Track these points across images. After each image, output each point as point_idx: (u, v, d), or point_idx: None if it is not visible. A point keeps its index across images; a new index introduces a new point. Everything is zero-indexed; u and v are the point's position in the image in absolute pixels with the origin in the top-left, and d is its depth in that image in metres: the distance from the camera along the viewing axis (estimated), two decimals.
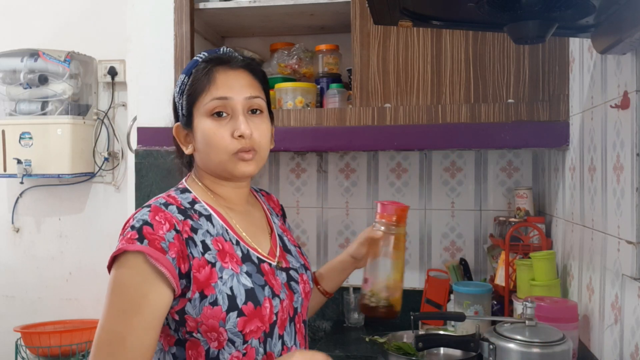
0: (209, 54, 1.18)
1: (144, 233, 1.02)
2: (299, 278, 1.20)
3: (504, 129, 1.80)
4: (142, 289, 1.01)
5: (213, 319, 1.03)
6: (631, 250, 1.22)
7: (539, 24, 1.12)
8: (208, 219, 1.11)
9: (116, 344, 0.99)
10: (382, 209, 1.42)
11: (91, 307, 2.83)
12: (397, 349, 1.55)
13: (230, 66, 1.15)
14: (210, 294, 1.04)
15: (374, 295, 1.38)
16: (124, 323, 1.00)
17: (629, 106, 1.24)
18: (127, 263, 1.04)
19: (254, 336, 1.08)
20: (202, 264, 1.05)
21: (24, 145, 2.65)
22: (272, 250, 1.19)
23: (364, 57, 1.89)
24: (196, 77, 1.14)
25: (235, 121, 1.12)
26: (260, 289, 1.08)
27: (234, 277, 1.06)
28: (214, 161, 1.14)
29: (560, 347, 1.23)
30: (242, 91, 1.13)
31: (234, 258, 1.09)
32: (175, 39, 2.01)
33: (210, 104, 1.12)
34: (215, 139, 1.12)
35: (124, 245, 1.04)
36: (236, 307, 1.05)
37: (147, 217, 1.04)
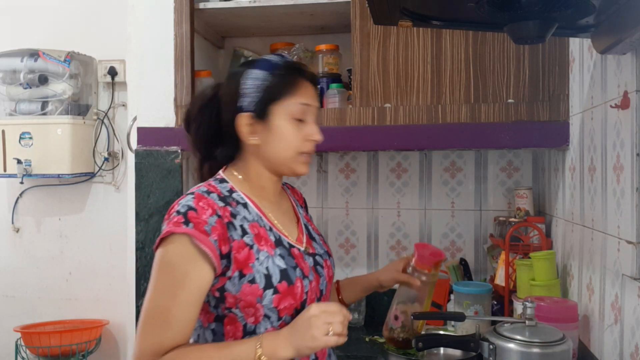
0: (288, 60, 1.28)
1: (189, 217, 1.12)
2: (323, 263, 1.30)
3: (504, 129, 1.80)
4: (186, 267, 1.11)
5: (251, 295, 1.14)
6: (631, 250, 1.22)
7: (539, 24, 1.12)
8: (244, 207, 1.22)
9: (163, 316, 1.09)
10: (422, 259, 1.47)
11: (91, 307, 2.83)
12: (397, 349, 1.55)
13: (306, 77, 1.26)
14: (248, 273, 1.14)
15: (402, 332, 1.48)
16: (170, 297, 1.10)
17: (629, 106, 1.24)
18: (173, 244, 1.12)
19: (287, 312, 1.18)
20: (241, 245, 1.15)
21: (24, 145, 2.65)
22: (299, 237, 1.29)
23: (364, 57, 1.89)
24: (281, 78, 1.22)
25: (310, 127, 1.25)
26: (292, 270, 1.19)
27: (269, 258, 1.17)
28: (281, 157, 1.24)
29: (560, 347, 1.23)
30: (316, 101, 1.28)
31: (268, 242, 1.20)
32: (175, 39, 2.01)
33: (296, 107, 1.22)
34: (291, 139, 1.23)
35: (171, 228, 1.12)
36: (272, 285, 1.15)
37: (192, 203, 1.14)
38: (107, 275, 2.81)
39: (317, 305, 1.12)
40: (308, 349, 1.09)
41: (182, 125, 1.37)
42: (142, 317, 1.12)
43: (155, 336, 1.09)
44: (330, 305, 1.12)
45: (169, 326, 1.09)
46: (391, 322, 1.49)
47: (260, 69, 1.23)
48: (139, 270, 2.03)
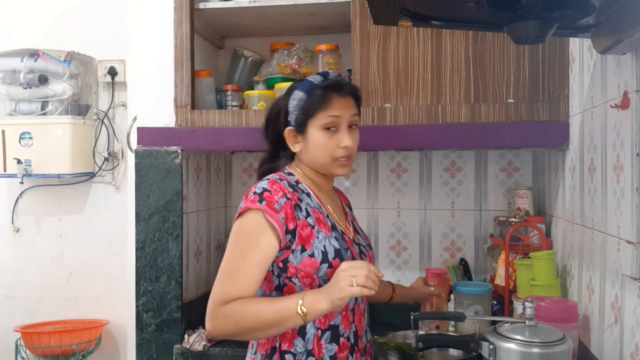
0: (324, 77, 1.46)
1: (263, 196, 1.35)
2: (366, 252, 1.51)
3: (504, 129, 1.80)
4: (257, 235, 1.33)
5: (310, 267, 1.35)
6: (631, 250, 1.22)
7: (539, 24, 1.12)
8: (308, 196, 1.44)
9: (234, 273, 1.32)
10: (431, 278, 1.80)
11: (91, 307, 2.84)
12: (397, 349, 1.55)
13: (342, 93, 1.44)
14: (309, 248, 1.36)
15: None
16: (241, 258, 1.33)
17: (629, 106, 1.24)
18: (249, 217, 1.35)
19: None
20: (305, 225, 1.37)
21: (24, 145, 2.65)
22: (347, 228, 1.51)
23: (364, 57, 1.89)
24: (316, 98, 1.42)
25: (341, 134, 1.42)
26: (344, 250, 1.39)
27: (327, 239, 1.38)
28: (319, 162, 1.44)
29: (560, 347, 1.23)
30: (349, 110, 1.44)
31: (326, 226, 1.41)
32: (175, 39, 2.01)
33: (326, 119, 1.42)
34: (325, 148, 1.42)
35: (248, 205, 1.35)
36: (327, 260, 1.35)
37: (267, 186, 1.37)
38: (107, 275, 2.81)
39: (345, 262, 1.31)
40: (339, 300, 1.25)
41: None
42: (218, 274, 1.34)
43: (225, 287, 1.31)
44: (356, 261, 1.32)
45: (236, 281, 1.31)
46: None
47: (301, 90, 1.45)
48: (139, 270, 2.03)
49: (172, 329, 2.01)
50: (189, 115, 2.01)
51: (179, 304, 2.00)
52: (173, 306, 2.00)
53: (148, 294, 2.02)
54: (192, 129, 2.00)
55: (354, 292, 1.24)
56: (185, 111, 2.01)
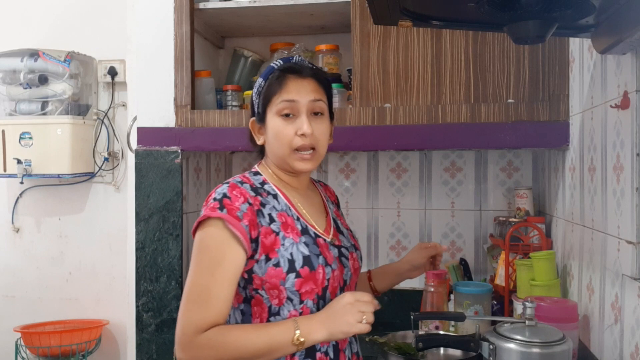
0: (284, 62, 1.36)
1: (223, 203, 1.23)
2: (349, 255, 1.37)
3: (504, 129, 1.80)
4: (221, 249, 1.21)
5: (275, 278, 1.23)
6: (631, 250, 1.22)
7: (539, 24, 1.12)
8: (274, 197, 1.31)
9: (204, 294, 1.19)
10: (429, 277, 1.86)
11: (91, 307, 2.84)
12: (397, 349, 1.55)
13: (300, 75, 1.32)
14: (274, 257, 1.23)
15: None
16: (209, 276, 1.20)
17: (629, 106, 1.24)
18: (209, 227, 1.23)
19: (308, 297, 1.25)
20: (269, 232, 1.25)
21: (24, 145, 2.65)
22: (327, 229, 1.38)
23: (364, 57, 1.89)
24: (271, 82, 1.33)
25: (299, 121, 1.30)
26: (315, 257, 1.26)
27: (294, 245, 1.26)
28: (278, 153, 1.32)
29: (560, 347, 1.23)
30: (308, 95, 1.31)
31: (294, 230, 1.28)
32: (175, 39, 2.01)
33: (280, 105, 1.30)
34: (281, 135, 1.30)
35: (207, 212, 1.23)
36: (294, 270, 1.23)
37: (227, 191, 1.25)
38: (107, 275, 2.82)
39: (351, 293, 1.21)
40: (341, 334, 1.19)
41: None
42: (184, 296, 1.21)
43: (196, 313, 1.18)
44: (364, 294, 1.22)
45: (208, 304, 1.18)
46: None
47: (261, 77, 1.36)
48: (139, 270, 2.03)
49: (172, 329, 1.99)
50: (189, 115, 2.01)
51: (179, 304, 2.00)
52: (173, 306, 2.00)
53: (148, 294, 2.02)
54: (192, 129, 2.00)
55: (363, 329, 1.18)
56: (185, 111, 2.01)
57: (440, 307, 1.92)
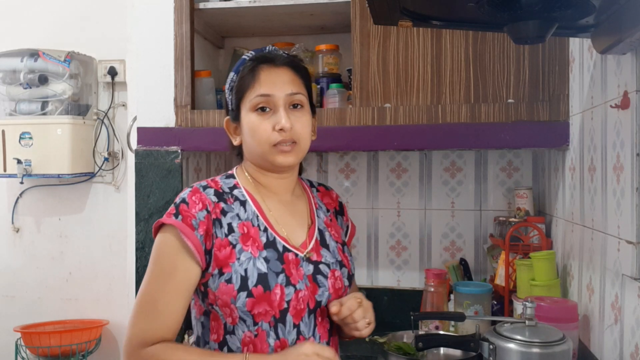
0: (255, 52, 1.26)
1: (180, 209, 1.16)
2: (329, 273, 1.23)
3: (504, 129, 1.80)
4: (172, 259, 1.14)
5: (226, 295, 1.13)
6: (631, 250, 1.22)
7: (539, 24, 1.12)
8: (242, 204, 1.21)
9: (150, 305, 1.14)
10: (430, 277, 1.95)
11: (91, 307, 2.83)
12: (397, 349, 1.55)
13: (274, 64, 1.22)
14: (226, 272, 1.14)
15: None
16: (158, 287, 1.14)
17: (629, 106, 1.24)
18: (164, 234, 1.17)
19: (263, 319, 1.15)
20: (224, 244, 1.15)
21: (24, 145, 2.65)
22: (305, 242, 1.24)
23: (364, 57, 1.89)
24: (242, 75, 1.23)
25: (276, 115, 1.20)
26: (274, 275, 1.15)
27: (251, 260, 1.15)
28: (257, 152, 1.22)
29: (560, 347, 1.23)
30: (284, 88, 1.21)
31: (255, 243, 1.17)
32: (175, 39, 2.01)
33: (254, 100, 1.20)
34: (258, 132, 1.20)
35: (163, 218, 1.17)
36: (246, 288, 1.13)
37: (186, 196, 1.18)
38: (107, 275, 2.81)
39: (312, 344, 1.11)
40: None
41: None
42: (135, 304, 1.16)
43: (142, 324, 1.13)
44: (326, 349, 1.12)
45: (155, 316, 1.13)
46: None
47: (232, 70, 1.27)
48: (139, 270, 2.03)
49: None
50: (189, 115, 2.01)
51: None
52: None
53: None
54: (192, 129, 2.00)
55: None
56: (185, 111, 2.01)
57: (440, 307, 1.92)
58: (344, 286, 1.26)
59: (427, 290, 1.97)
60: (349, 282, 1.28)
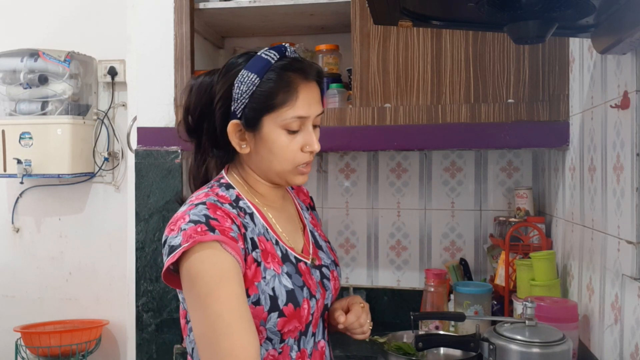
0: (279, 54, 1.12)
1: (212, 225, 1.01)
2: (330, 275, 1.21)
3: (504, 129, 1.80)
4: (220, 268, 0.99)
5: (255, 318, 1.03)
6: (631, 250, 1.22)
7: (539, 24, 1.12)
8: (251, 218, 1.12)
9: (218, 323, 0.97)
10: (430, 277, 1.96)
11: (91, 307, 2.84)
12: (397, 349, 1.55)
13: (305, 77, 1.12)
14: (253, 294, 1.04)
15: None
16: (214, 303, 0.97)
17: (629, 106, 1.24)
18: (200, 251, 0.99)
19: (291, 335, 1.10)
20: (250, 261, 1.05)
21: (24, 145, 2.65)
22: (305, 247, 1.20)
23: (364, 57, 1.89)
24: (276, 85, 1.09)
25: (305, 136, 1.12)
26: (299, 290, 1.09)
27: (276, 277, 1.07)
28: (275, 169, 1.13)
29: (560, 347, 1.23)
30: (316, 108, 1.14)
31: (275, 258, 1.10)
32: (175, 39, 2.01)
33: (290, 120, 1.10)
34: (286, 152, 1.11)
35: (196, 238, 0.99)
36: (277, 308, 1.05)
37: (208, 213, 1.03)
38: (107, 275, 2.81)
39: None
40: None
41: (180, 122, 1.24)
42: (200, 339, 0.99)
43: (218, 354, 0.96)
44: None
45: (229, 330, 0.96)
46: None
47: (252, 71, 1.09)
48: (139, 270, 2.03)
49: (172, 329, 2.00)
50: None
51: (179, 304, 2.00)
52: (173, 306, 2.00)
53: (148, 294, 2.02)
54: None
55: None
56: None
57: (440, 307, 1.92)
58: (340, 285, 1.27)
59: (427, 290, 1.97)
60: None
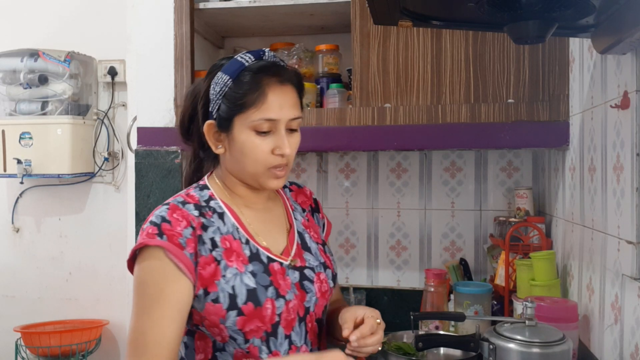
0: (255, 57, 1.15)
1: (162, 229, 1.07)
2: (314, 277, 1.20)
3: (504, 129, 1.80)
4: (160, 284, 1.06)
5: (214, 315, 1.07)
6: (631, 250, 1.22)
7: (539, 24, 1.12)
8: (220, 217, 1.15)
9: (140, 339, 1.05)
10: (430, 277, 1.97)
11: (91, 307, 2.84)
12: (397, 349, 1.55)
13: (280, 80, 1.14)
14: (212, 292, 1.08)
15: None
16: (146, 318, 1.05)
17: (629, 106, 1.24)
18: (147, 259, 1.07)
19: (255, 335, 1.10)
20: (209, 261, 1.09)
21: (24, 145, 2.65)
22: (287, 248, 1.20)
23: (364, 57, 1.89)
24: (246, 87, 1.11)
25: (277, 138, 1.13)
26: (263, 289, 1.10)
27: (238, 276, 1.09)
28: (248, 171, 1.15)
29: (560, 347, 1.23)
30: (289, 112, 1.14)
31: (240, 257, 1.12)
32: (175, 39, 2.01)
33: (259, 122, 1.11)
34: (255, 153, 1.13)
35: (144, 240, 1.07)
36: (236, 306, 1.07)
37: (166, 214, 1.09)
38: (107, 275, 2.82)
39: (345, 357, 1.05)
40: None
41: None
42: (128, 343, 1.07)
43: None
44: (335, 354, 1.05)
45: (145, 350, 1.03)
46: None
47: (227, 73, 1.13)
48: None
49: None
50: None
51: None
52: None
53: None
54: None
55: None
56: None
57: (440, 307, 1.92)
58: (330, 288, 1.23)
59: (427, 290, 1.97)
60: (334, 283, 1.25)
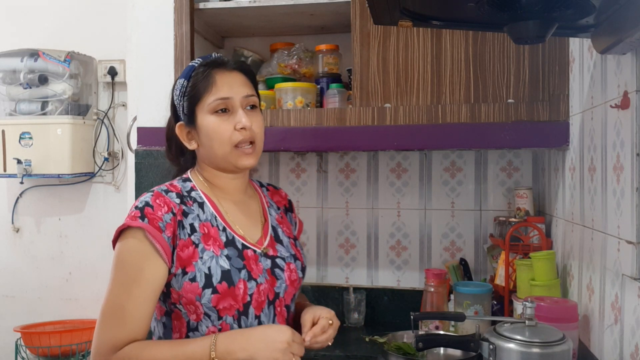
0: (204, 59, 1.31)
1: (145, 212, 1.18)
2: (285, 266, 1.31)
3: (504, 129, 1.80)
4: (139, 264, 1.18)
5: (191, 293, 1.18)
6: (631, 250, 1.22)
7: (539, 24, 1.12)
8: (200, 206, 1.27)
9: (117, 313, 1.16)
10: (430, 277, 1.97)
11: (91, 307, 2.83)
12: (397, 349, 1.55)
13: (226, 68, 1.29)
14: (190, 271, 1.19)
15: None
16: (125, 294, 1.17)
17: (629, 106, 1.24)
18: (128, 238, 1.19)
19: (227, 313, 1.21)
20: (187, 244, 1.20)
21: (24, 145, 2.65)
22: (261, 239, 1.32)
23: (364, 57, 1.89)
24: (197, 79, 1.27)
25: (236, 116, 1.26)
26: (236, 271, 1.22)
27: (214, 258, 1.21)
28: (218, 153, 1.27)
29: (560, 347, 1.23)
30: (240, 90, 1.28)
31: (217, 242, 1.23)
32: (175, 39, 2.01)
33: (214, 103, 1.26)
34: (219, 132, 1.26)
35: (127, 222, 1.19)
36: (211, 285, 1.18)
37: (149, 200, 1.21)
38: (107, 275, 2.81)
39: (292, 332, 1.16)
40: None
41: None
42: (100, 313, 1.18)
43: (110, 332, 1.15)
44: (298, 345, 1.16)
45: (123, 323, 1.15)
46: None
47: (182, 77, 1.31)
48: None
49: None
50: None
51: None
52: None
53: None
54: None
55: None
56: None
57: (440, 307, 1.92)
58: (299, 278, 1.35)
59: (427, 290, 1.97)
60: (303, 274, 1.37)
